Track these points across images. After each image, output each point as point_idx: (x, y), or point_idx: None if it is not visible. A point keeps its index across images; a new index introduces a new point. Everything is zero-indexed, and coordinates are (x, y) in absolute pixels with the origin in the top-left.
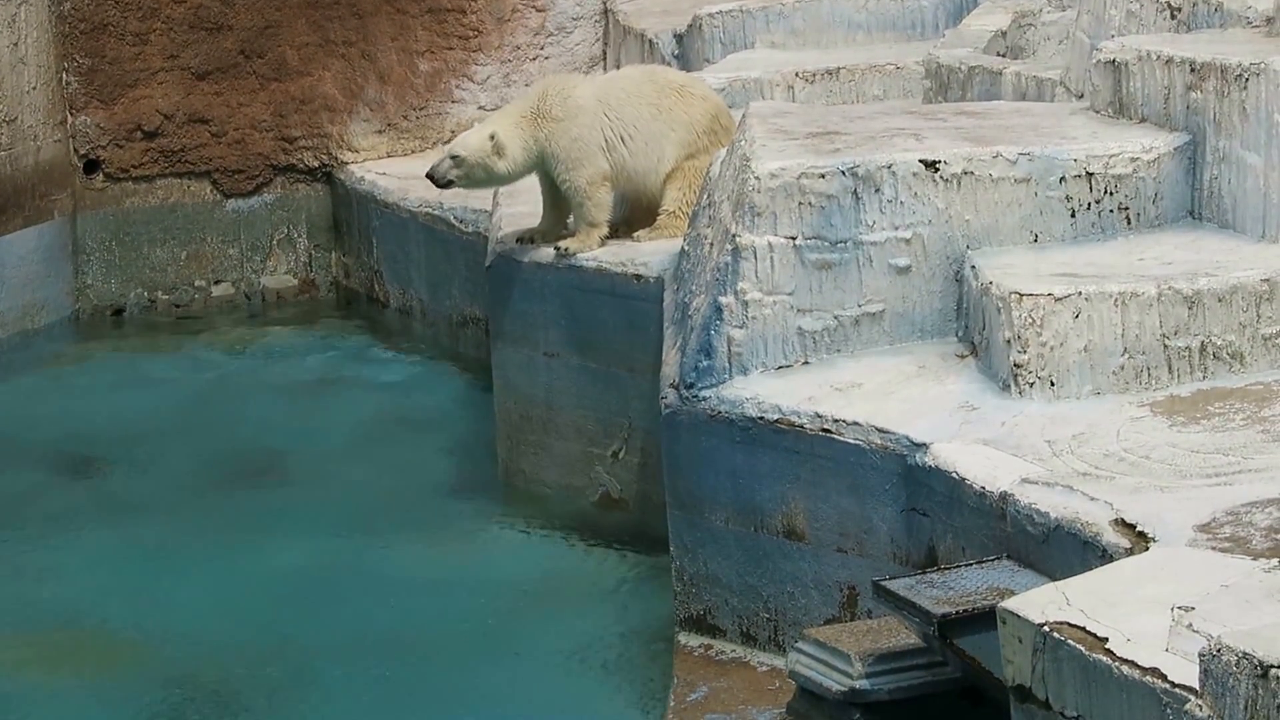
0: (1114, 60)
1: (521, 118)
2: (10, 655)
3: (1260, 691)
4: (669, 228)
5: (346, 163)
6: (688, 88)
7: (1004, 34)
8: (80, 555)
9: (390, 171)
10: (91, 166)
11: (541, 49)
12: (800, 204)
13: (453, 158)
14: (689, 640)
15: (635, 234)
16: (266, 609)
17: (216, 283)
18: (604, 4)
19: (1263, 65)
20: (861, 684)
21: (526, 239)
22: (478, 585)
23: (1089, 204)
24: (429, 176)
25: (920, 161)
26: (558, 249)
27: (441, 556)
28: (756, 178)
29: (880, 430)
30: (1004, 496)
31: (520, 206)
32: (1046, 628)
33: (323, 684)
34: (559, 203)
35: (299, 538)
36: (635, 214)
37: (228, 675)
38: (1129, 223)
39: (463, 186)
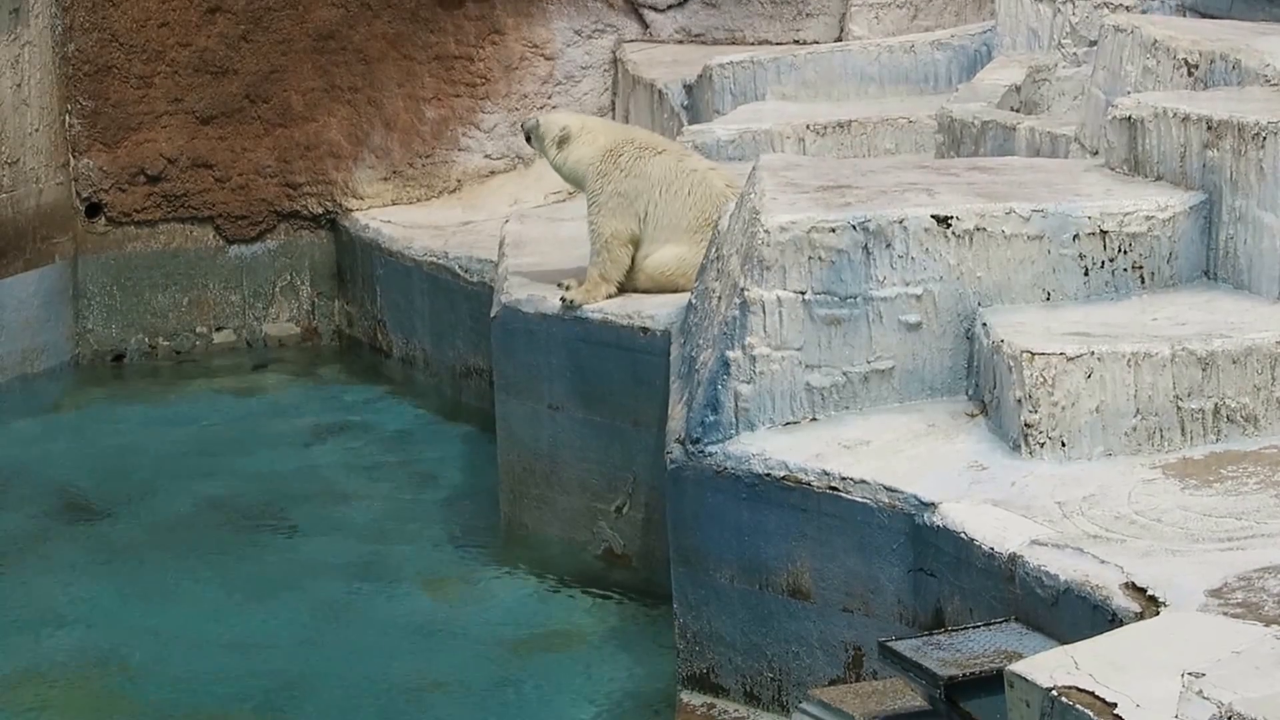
0: (1130, 117)
1: (599, 140)
2: (11, 699)
3: None
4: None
5: (351, 210)
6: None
7: (1018, 89)
8: (81, 600)
9: (395, 219)
10: (94, 210)
11: (549, 98)
12: (810, 258)
13: (537, 123)
14: (691, 699)
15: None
16: (266, 657)
17: (218, 329)
18: (613, 53)
19: None
20: None
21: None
22: (478, 639)
23: (1103, 262)
24: (523, 124)
25: (932, 217)
26: (564, 298)
27: (442, 609)
28: (766, 231)
29: (888, 489)
30: (1013, 558)
31: (527, 258)
32: (1055, 692)
33: None
34: None
35: (299, 587)
36: None
37: None
38: (1143, 282)
39: (532, 148)
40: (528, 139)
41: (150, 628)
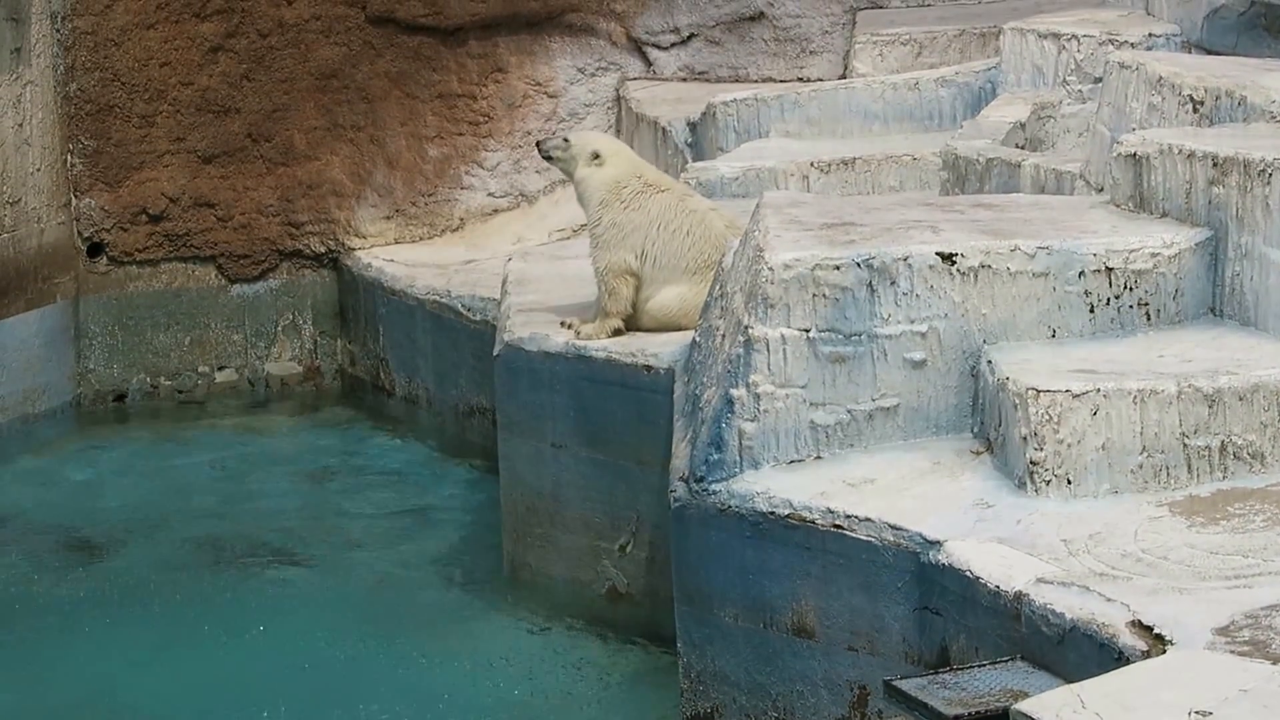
0: (1135, 154)
1: (610, 171)
2: None
3: None
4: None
5: (353, 249)
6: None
7: (1023, 126)
8: (82, 643)
9: (398, 258)
10: (95, 250)
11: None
12: (814, 296)
13: (565, 140)
14: None
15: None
16: (266, 700)
17: (220, 369)
18: (616, 91)
19: None
20: None
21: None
22: (481, 679)
23: (1108, 299)
24: (538, 144)
25: (936, 254)
26: (570, 326)
27: (445, 650)
28: (770, 268)
29: (893, 527)
30: (1019, 596)
31: (530, 296)
32: None
33: None
34: None
35: (301, 628)
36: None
37: None
38: (1149, 319)
39: (557, 168)
40: (546, 155)
41: (149, 670)
